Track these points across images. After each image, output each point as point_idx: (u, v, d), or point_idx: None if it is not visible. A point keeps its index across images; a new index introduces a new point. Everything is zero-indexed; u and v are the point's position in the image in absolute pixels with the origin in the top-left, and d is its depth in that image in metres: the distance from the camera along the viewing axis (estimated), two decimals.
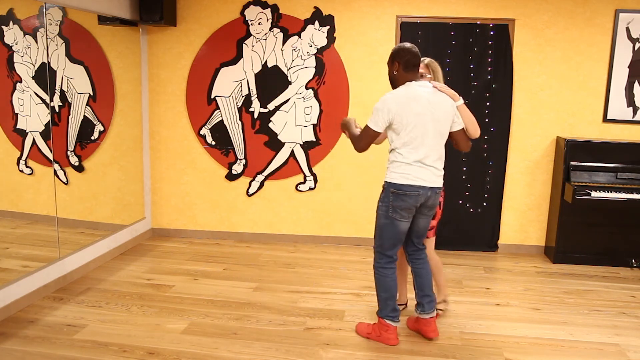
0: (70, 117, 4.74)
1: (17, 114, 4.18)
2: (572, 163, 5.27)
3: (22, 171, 4.30)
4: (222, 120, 5.86)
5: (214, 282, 4.84)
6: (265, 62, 5.69)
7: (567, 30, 5.40)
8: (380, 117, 3.46)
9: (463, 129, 3.61)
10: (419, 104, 3.44)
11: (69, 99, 4.71)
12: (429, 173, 3.50)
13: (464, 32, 5.47)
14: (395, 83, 3.61)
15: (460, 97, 3.57)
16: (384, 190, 3.59)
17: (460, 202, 5.73)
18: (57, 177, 4.60)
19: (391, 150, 3.57)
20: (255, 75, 5.72)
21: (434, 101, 3.47)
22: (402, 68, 3.53)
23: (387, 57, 5.45)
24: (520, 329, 4.00)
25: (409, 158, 3.47)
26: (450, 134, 3.62)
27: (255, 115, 5.80)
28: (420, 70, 3.73)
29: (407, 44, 3.57)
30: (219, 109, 5.83)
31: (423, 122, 3.43)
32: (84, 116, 4.91)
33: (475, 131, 3.62)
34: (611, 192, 5.07)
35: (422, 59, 3.83)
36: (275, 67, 5.69)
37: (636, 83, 5.40)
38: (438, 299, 4.13)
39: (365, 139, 3.58)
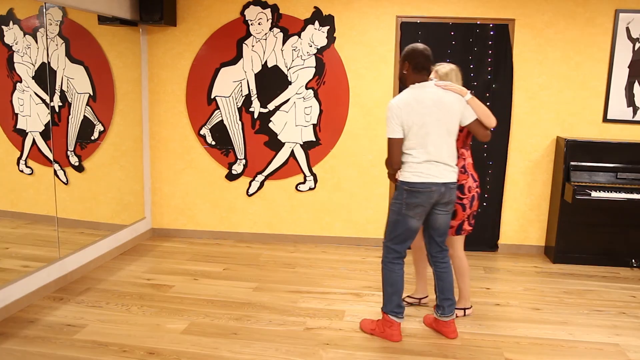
0: (70, 117, 4.73)
1: (17, 114, 4.17)
2: (572, 163, 5.26)
3: (22, 171, 4.29)
4: (222, 120, 5.84)
5: (214, 282, 4.83)
6: (265, 62, 5.68)
7: (567, 30, 5.39)
8: (393, 123, 3.52)
9: (477, 120, 3.62)
10: (422, 105, 3.49)
11: (69, 99, 4.70)
12: (440, 169, 3.54)
13: (464, 32, 5.46)
14: (404, 82, 3.66)
15: (468, 91, 3.60)
16: (398, 189, 3.63)
17: None
18: (57, 177, 4.59)
19: (403, 153, 3.59)
20: (255, 75, 5.71)
21: (438, 100, 3.51)
22: (411, 69, 3.58)
23: (387, 57, 5.59)
24: (520, 329, 4.00)
25: (419, 158, 3.52)
26: (467, 127, 3.66)
27: (255, 115, 5.79)
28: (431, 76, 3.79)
29: (420, 46, 3.60)
30: (219, 109, 5.82)
31: (428, 122, 3.49)
32: (84, 116, 4.90)
33: (489, 121, 3.63)
34: (611, 192, 5.06)
35: (442, 64, 3.85)
36: (275, 67, 5.68)
37: (636, 83, 5.39)
38: (459, 305, 4.14)
39: (392, 150, 3.59)
